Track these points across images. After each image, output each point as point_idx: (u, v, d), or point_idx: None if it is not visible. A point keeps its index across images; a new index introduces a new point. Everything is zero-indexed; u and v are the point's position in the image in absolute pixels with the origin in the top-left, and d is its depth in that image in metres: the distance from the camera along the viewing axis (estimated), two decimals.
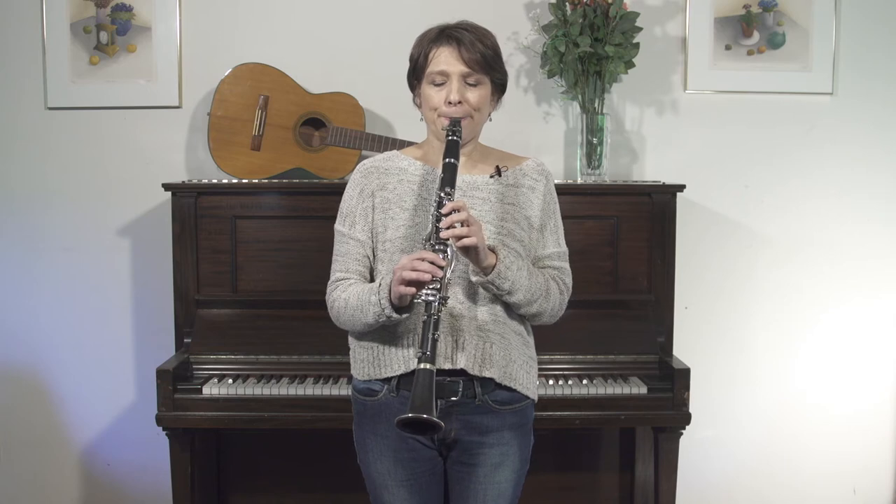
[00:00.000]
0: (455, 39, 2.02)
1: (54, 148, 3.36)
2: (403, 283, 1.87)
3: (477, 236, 1.89)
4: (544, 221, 2.13)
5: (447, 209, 1.89)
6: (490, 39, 2.07)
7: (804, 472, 3.50)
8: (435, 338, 1.85)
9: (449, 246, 1.89)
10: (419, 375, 1.83)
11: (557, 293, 2.10)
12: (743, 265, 3.43)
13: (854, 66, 3.39)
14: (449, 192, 1.93)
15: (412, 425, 1.80)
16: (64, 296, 3.39)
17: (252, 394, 2.80)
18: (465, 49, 2.01)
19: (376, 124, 3.33)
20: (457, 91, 2.02)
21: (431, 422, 1.78)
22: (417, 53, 2.07)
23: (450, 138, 2.00)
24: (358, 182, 2.13)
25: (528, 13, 3.31)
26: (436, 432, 1.85)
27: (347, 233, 2.10)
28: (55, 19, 3.31)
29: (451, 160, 1.96)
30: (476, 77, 2.03)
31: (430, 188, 2.07)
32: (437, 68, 2.03)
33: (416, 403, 1.79)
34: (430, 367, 1.83)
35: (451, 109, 2.03)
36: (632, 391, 2.82)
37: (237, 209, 3.03)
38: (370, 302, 1.96)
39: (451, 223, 1.87)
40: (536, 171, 2.15)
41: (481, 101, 2.06)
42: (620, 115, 3.39)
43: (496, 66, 2.07)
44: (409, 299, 1.90)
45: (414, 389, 1.82)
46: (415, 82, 2.11)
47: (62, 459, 3.46)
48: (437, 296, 1.86)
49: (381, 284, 1.96)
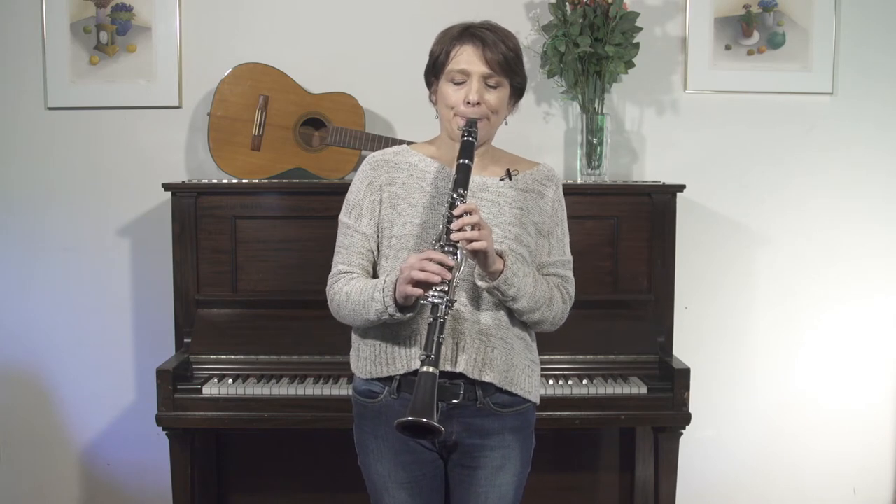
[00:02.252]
0: (479, 39, 1.99)
1: (54, 148, 3.36)
2: (411, 283, 1.84)
3: (487, 240, 1.87)
4: (552, 228, 2.11)
5: (459, 211, 1.86)
6: (513, 41, 2.04)
7: (804, 472, 3.50)
8: (440, 341, 1.82)
9: (459, 249, 1.86)
10: (421, 378, 1.80)
11: (560, 302, 2.08)
12: (743, 265, 3.43)
13: (854, 66, 3.39)
14: (462, 193, 1.89)
15: (412, 429, 1.77)
16: (64, 296, 3.39)
17: (252, 394, 2.80)
18: (488, 49, 1.98)
19: (376, 124, 3.33)
20: (476, 91, 1.99)
21: (431, 426, 1.75)
22: (439, 50, 2.04)
23: (465, 139, 1.97)
24: (367, 174, 2.09)
25: (528, 13, 3.31)
26: (435, 437, 1.81)
27: (353, 225, 2.07)
28: (55, 19, 3.31)
29: (466, 161, 1.93)
30: (497, 79, 2.00)
31: (440, 187, 2.04)
32: (459, 67, 1.99)
33: (416, 407, 1.76)
34: (433, 370, 1.80)
35: (470, 110, 2.00)
36: (632, 391, 2.83)
37: (237, 209, 3.03)
38: (373, 299, 1.93)
39: (463, 225, 1.84)
40: (547, 178, 2.13)
41: (500, 104, 2.03)
42: (620, 115, 3.39)
43: (517, 70, 2.04)
44: (413, 299, 1.88)
45: (416, 392, 1.79)
46: (432, 79, 2.07)
47: (62, 459, 3.46)
48: (445, 298, 1.83)
49: (385, 282, 1.93)
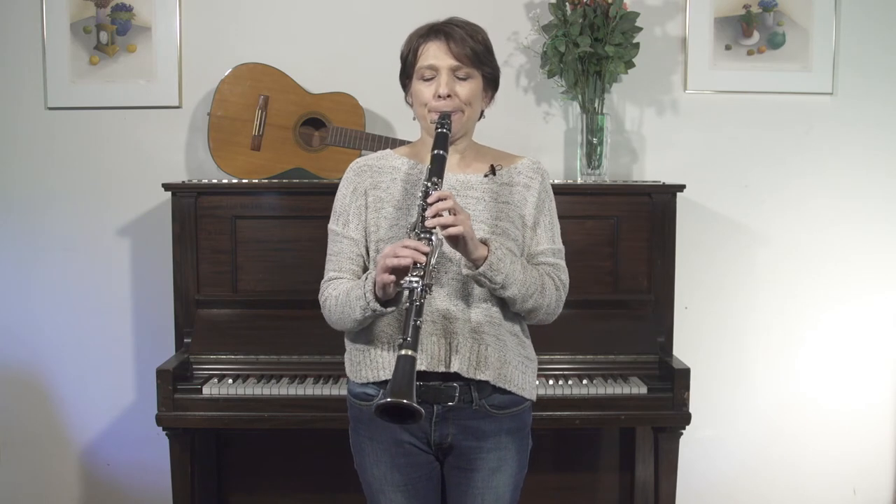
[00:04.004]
0: (444, 34, 1.99)
1: (54, 148, 3.36)
2: (385, 271, 1.84)
3: (464, 225, 1.85)
4: (537, 219, 2.08)
5: (433, 198, 1.84)
6: (480, 35, 2.03)
7: (804, 472, 3.50)
8: (417, 324, 1.78)
9: (434, 234, 1.85)
10: (399, 361, 1.76)
11: (553, 289, 2.04)
12: (743, 265, 3.43)
13: (854, 66, 3.39)
14: (436, 181, 1.88)
15: (391, 413, 1.73)
16: (64, 296, 3.39)
17: (252, 394, 2.80)
18: (453, 43, 1.98)
19: (376, 124, 3.33)
20: (446, 84, 1.98)
21: (411, 407, 1.71)
22: (407, 50, 2.05)
23: (439, 131, 1.96)
24: (351, 180, 2.10)
25: (528, 13, 3.31)
26: (415, 420, 1.76)
27: (341, 231, 2.07)
28: (55, 19, 3.31)
29: (440, 152, 1.92)
30: (466, 70, 1.99)
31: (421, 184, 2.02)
32: (426, 63, 1.99)
33: (394, 389, 1.72)
34: (410, 353, 1.76)
35: (441, 103, 1.99)
36: (632, 391, 2.82)
37: (237, 209, 3.04)
38: (356, 296, 1.93)
39: (437, 211, 1.83)
40: (531, 170, 2.11)
41: (472, 95, 2.01)
42: (620, 115, 3.39)
43: (486, 60, 2.02)
44: (392, 289, 1.87)
45: (394, 375, 1.75)
46: (406, 80, 2.08)
47: (62, 459, 3.46)
48: (420, 283, 1.80)
49: (367, 278, 1.93)
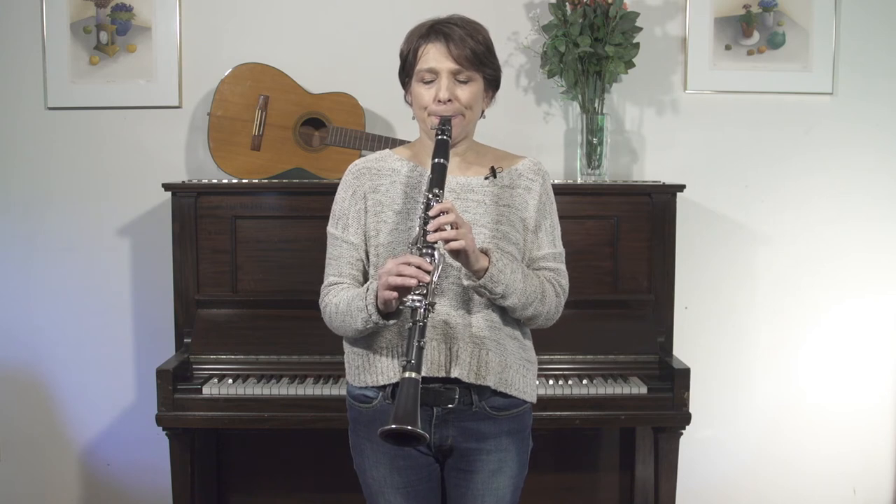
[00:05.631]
0: (444, 35, 1.95)
1: (54, 148, 3.36)
2: (388, 289, 1.81)
3: (466, 239, 1.82)
4: (539, 222, 2.06)
5: (435, 211, 1.81)
6: (482, 34, 2.00)
7: (804, 472, 3.50)
8: (420, 345, 1.77)
9: (436, 250, 1.82)
10: (403, 385, 1.74)
11: (553, 296, 2.03)
12: (743, 265, 3.43)
13: (854, 66, 3.39)
14: (437, 193, 1.84)
15: (396, 436, 1.72)
16: (64, 296, 3.39)
17: (252, 394, 2.80)
18: (454, 45, 1.94)
19: (376, 124, 3.33)
20: (446, 88, 1.94)
21: (415, 433, 1.70)
22: (406, 50, 2.01)
23: (439, 137, 1.93)
24: (350, 183, 2.08)
25: (528, 13, 3.31)
26: (420, 444, 1.76)
27: (340, 235, 2.05)
28: (55, 19, 3.31)
29: (441, 160, 1.89)
30: (466, 74, 1.96)
31: (421, 190, 1.99)
32: (426, 66, 1.95)
33: (399, 414, 1.70)
34: (414, 375, 1.74)
35: (441, 108, 1.95)
36: (632, 391, 2.82)
37: (237, 209, 3.03)
38: (358, 308, 1.91)
39: (439, 225, 1.80)
40: (532, 171, 2.08)
41: (472, 99, 1.98)
42: (620, 115, 3.39)
43: (487, 62, 1.99)
44: (395, 305, 1.85)
45: (398, 399, 1.73)
46: (405, 80, 2.04)
47: (62, 459, 3.46)
48: (424, 302, 1.78)
49: (368, 289, 1.90)
